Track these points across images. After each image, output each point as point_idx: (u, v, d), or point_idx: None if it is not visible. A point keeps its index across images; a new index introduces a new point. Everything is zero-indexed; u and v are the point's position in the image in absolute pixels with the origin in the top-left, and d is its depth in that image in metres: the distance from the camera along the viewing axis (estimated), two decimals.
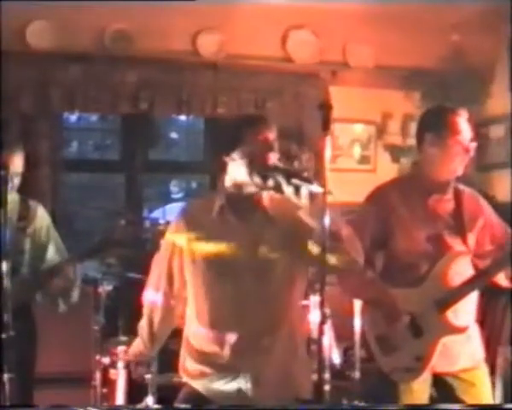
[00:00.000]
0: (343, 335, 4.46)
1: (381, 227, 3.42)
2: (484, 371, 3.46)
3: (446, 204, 3.46)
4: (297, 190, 2.70)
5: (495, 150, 5.61)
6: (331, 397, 4.15)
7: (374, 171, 5.79)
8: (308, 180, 2.69)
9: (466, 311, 3.40)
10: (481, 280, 3.37)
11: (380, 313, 3.41)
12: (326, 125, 2.42)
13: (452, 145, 3.33)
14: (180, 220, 3.03)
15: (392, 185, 3.60)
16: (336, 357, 4.37)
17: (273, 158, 2.82)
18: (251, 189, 2.87)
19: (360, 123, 5.85)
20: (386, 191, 3.55)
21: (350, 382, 4.51)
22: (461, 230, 3.42)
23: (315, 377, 2.76)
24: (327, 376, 4.08)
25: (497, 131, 5.59)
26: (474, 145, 3.36)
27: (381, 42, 5.58)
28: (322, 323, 2.43)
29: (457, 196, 3.47)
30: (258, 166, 2.81)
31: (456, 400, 3.35)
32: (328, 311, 3.91)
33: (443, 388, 3.40)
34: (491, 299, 3.65)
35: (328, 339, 4.24)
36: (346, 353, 4.49)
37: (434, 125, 3.39)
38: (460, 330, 3.35)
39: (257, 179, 2.82)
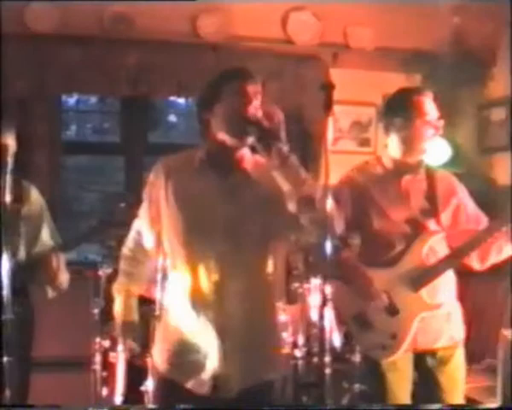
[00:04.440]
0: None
1: (355, 209, 3.47)
2: (460, 351, 3.53)
3: (419, 184, 3.52)
4: (268, 148, 2.63)
5: (496, 133, 5.60)
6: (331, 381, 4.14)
7: (374, 153, 5.75)
8: (279, 138, 2.62)
9: (442, 288, 3.47)
10: (456, 258, 3.44)
11: (356, 292, 3.47)
12: (328, 105, 2.40)
13: (421, 126, 3.40)
14: (159, 169, 3.03)
15: (365, 168, 3.64)
16: (337, 340, 4.36)
17: (252, 111, 2.73)
18: (231, 145, 2.81)
19: (361, 105, 5.83)
20: (361, 174, 3.59)
21: (350, 365, 4.51)
22: (434, 209, 3.49)
23: (315, 360, 2.77)
24: (327, 359, 4.07)
25: (499, 114, 5.57)
26: (441, 123, 3.42)
27: (382, 24, 5.56)
28: (323, 306, 2.41)
29: (430, 176, 3.53)
30: (236, 120, 2.74)
31: (434, 380, 3.46)
32: (328, 293, 3.90)
33: (421, 368, 3.50)
34: (492, 282, 3.65)
35: (329, 322, 4.22)
36: (347, 336, 4.48)
37: (401, 108, 3.45)
38: (435, 307, 3.43)
39: (236, 134, 2.77)
